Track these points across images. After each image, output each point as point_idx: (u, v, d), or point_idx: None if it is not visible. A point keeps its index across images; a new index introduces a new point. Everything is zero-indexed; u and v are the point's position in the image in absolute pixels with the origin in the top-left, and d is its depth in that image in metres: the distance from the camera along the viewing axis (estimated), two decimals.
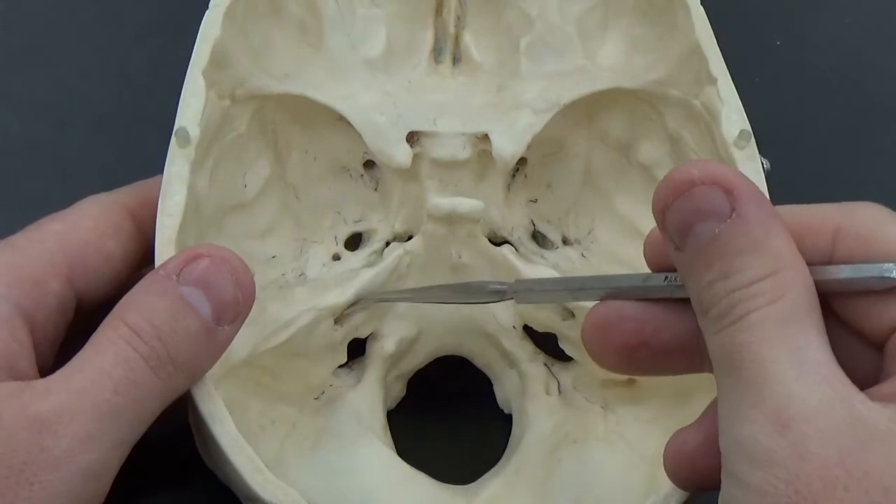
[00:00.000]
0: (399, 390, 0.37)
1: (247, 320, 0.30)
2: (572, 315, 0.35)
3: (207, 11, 0.33)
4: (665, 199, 0.24)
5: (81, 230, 0.30)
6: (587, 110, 0.36)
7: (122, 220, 0.31)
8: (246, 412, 0.32)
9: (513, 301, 0.36)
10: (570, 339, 0.35)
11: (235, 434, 0.28)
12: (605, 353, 0.27)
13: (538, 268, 0.35)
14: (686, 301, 0.25)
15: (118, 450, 0.26)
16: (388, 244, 0.36)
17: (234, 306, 0.27)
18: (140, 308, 0.27)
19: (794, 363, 0.22)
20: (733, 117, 0.32)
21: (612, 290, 0.27)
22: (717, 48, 0.33)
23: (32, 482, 0.24)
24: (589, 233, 0.37)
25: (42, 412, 0.25)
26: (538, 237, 0.38)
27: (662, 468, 0.33)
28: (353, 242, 0.37)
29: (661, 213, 0.24)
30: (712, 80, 0.32)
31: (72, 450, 0.25)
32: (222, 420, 0.28)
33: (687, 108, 0.34)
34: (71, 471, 0.25)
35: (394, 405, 0.36)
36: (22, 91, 0.43)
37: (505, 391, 0.37)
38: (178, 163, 0.31)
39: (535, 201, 0.38)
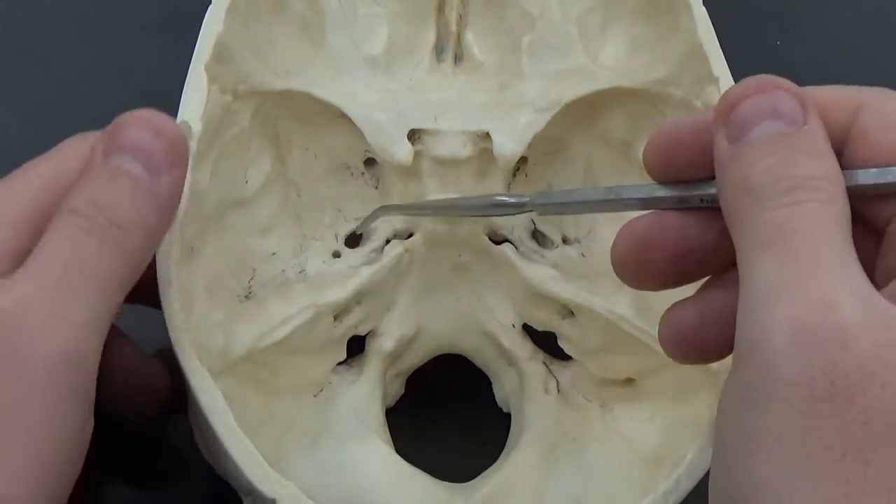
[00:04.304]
0: (398, 388, 0.37)
1: (246, 316, 0.30)
2: (572, 314, 0.35)
3: (210, 6, 0.33)
4: (743, 93, 0.24)
5: (68, 173, 0.29)
6: (589, 109, 0.36)
7: None
8: (244, 407, 0.32)
9: (512, 297, 0.36)
10: (570, 337, 0.35)
11: (234, 426, 0.28)
12: (650, 270, 0.27)
13: (538, 267, 0.35)
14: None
15: (88, 330, 0.26)
16: (388, 242, 0.36)
17: (161, 153, 0.27)
18: (77, 191, 0.27)
19: (842, 259, 0.22)
20: None
21: (643, 200, 0.27)
22: (719, 48, 0.33)
23: (15, 371, 0.25)
24: (589, 232, 0.37)
25: (5, 307, 0.25)
26: (538, 236, 0.37)
27: (661, 467, 0.33)
28: (354, 241, 0.37)
29: (731, 104, 0.24)
30: (714, 80, 0.33)
31: (39, 336, 0.25)
32: (221, 412, 0.28)
33: (688, 107, 0.34)
34: (43, 357, 0.25)
35: (393, 403, 0.36)
36: (22, 91, 0.43)
37: (504, 390, 0.37)
38: None
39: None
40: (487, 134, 0.34)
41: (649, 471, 0.33)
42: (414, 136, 0.35)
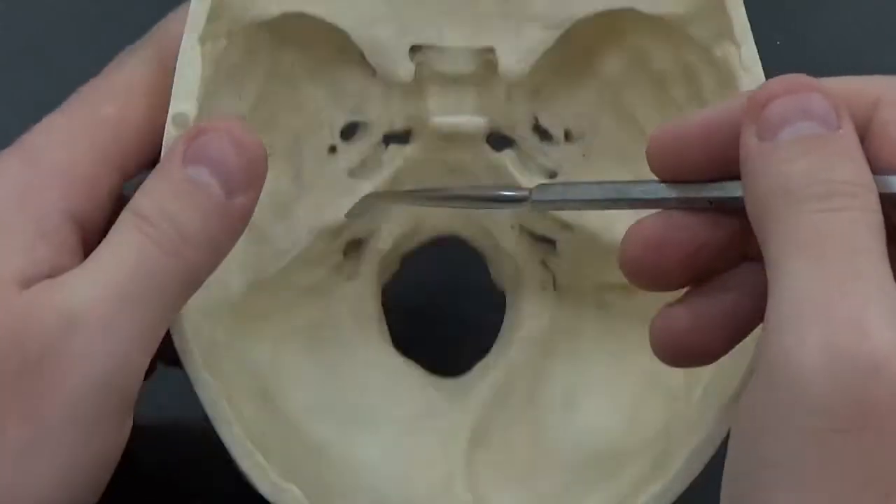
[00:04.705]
0: (394, 267, 0.37)
1: (243, 254, 0.30)
2: (570, 228, 0.35)
3: None
4: (777, 90, 0.24)
5: (134, 114, 0.29)
6: (616, 34, 0.35)
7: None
8: (242, 311, 0.32)
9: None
10: (568, 249, 0.36)
11: (242, 438, 0.28)
12: (661, 271, 0.27)
13: (537, 180, 0.35)
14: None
15: (142, 340, 0.26)
16: (386, 143, 0.35)
17: (240, 174, 0.27)
18: (148, 195, 0.27)
19: (878, 274, 0.22)
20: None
21: (650, 201, 0.27)
22: (744, 14, 0.31)
23: (61, 373, 0.24)
24: (591, 124, 0.36)
25: (65, 305, 0.25)
26: (540, 132, 0.36)
27: (656, 388, 0.34)
28: (349, 134, 0.36)
29: (763, 102, 0.24)
30: (734, 41, 0.31)
31: (93, 339, 0.25)
32: (229, 422, 0.28)
33: (707, 55, 0.32)
34: (96, 359, 0.25)
35: (388, 279, 0.37)
36: (22, 91, 0.43)
37: (500, 274, 0.37)
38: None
39: (538, 91, 0.36)
40: (493, 49, 0.33)
41: (644, 380, 0.34)
42: (416, 49, 0.33)
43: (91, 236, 0.28)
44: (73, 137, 0.28)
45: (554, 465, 0.35)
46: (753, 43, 0.31)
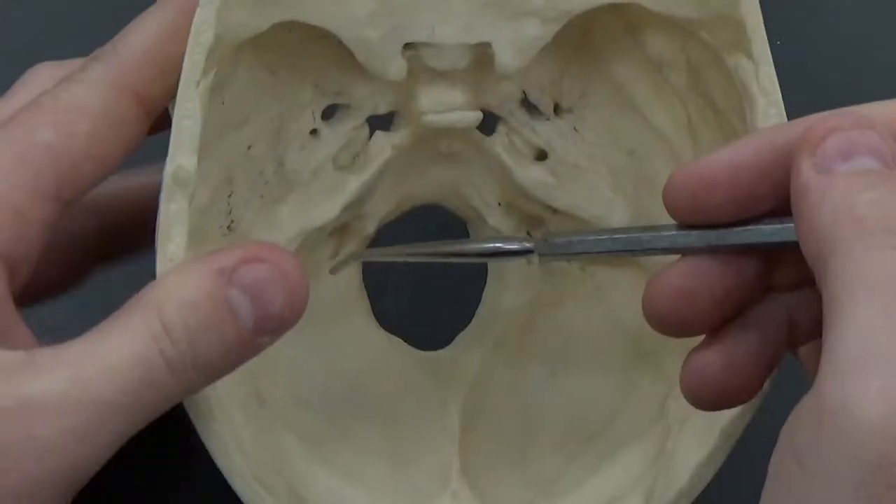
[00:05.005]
0: (371, 236, 0.36)
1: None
2: (561, 213, 0.35)
3: (198, 11, 0.28)
4: (840, 123, 0.23)
5: (76, 140, 0.26)
6: (626, 30, 0.34)
7: (126, 109, 0.28)
8: None
9: (500, 183, 0.35)
10: (557, 232, 0.35)
11: (244, 471, 0.28)
12: (693, 320, 0.26)
13: (530, 169, 0.34)
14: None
15: (112, 447, 0.25)
16: (371, 129, 0.34)
17: (278, 321, 0.26)
18: (179, 302, 0.25)
19: None
20: (771, 112, 0.30)
21: (666, 250, 0.26)
22: (763, 30, 0.30)
23: (11, 470, 0.23)
24: (581, 97, 0.35)
25: (35, 395, 0.23)
26: (529, 106, 0.36)
27: (642, 359, 0.34)
28: (330, 114, 0.35)
29: (821, 135, 0.23)
30: (750, 54, 0.30)
31: (62, 444, 0.23)
32: (240, 473, 0.28)
33: (717, 59, 0.31)
34: (56, 464, 0.23)
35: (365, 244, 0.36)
36: None
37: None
38: (177, 199, 0.27)
39: (528, 69, 0.34)
40: (489, 43, 0.32)
41: (633, 355, 0.34)
42: (409, 46, 0.32)
43: (20, 271, 0.26)
44: (5, 168, 0.26)
45: (546, 444, 0.35)
46: (772, 64, 0.30)
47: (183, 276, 0.26)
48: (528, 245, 0.28)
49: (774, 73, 0.30)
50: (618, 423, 0.34)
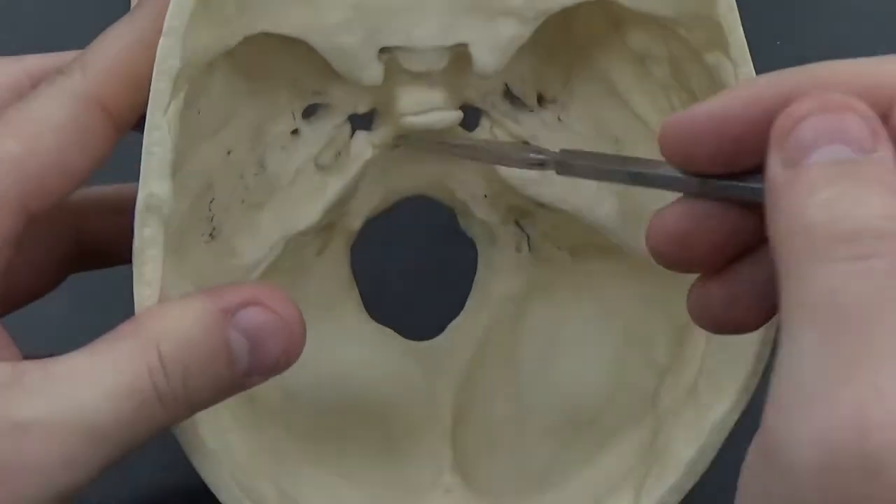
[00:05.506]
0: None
1: (213, 268, 0.29)
2: (547, 207, 0.34)
3: (162, 39, 0.27)
4: (807, 110, 0.21)
5: (41, 152, 0.26)
6: (612, 27, 0.34)
7: (94, 121, 0.27)
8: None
9: (486, 178, 0.35)
10: (544, 227, 0.35)
11: (238, 495, 0.28)
12: (693, 260, 0.25)
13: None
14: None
15: (99, 471, 0.25)
16: (353, 127, 0.34)
17: (273, 364, 0.26)
18: (178, 338, 0.25)
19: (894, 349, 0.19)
20: None
21: (677, 180, 0.25)
22: (740, 30, 0.30)
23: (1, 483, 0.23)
24: (565, 86, 0.35)
25: (27, 416, 0.23)
26: (511, 98, 0.35)
27: (633, 346, 0.33)
28: (310, 113, 0.34)
29: (792, 123, 0.21)
30: (727, 53, 0.30)
31: (49, 466, 0.23)
32: (227, 487, 0.28)
33: (696, 56, 0.31)
34: (43, 485, 0.23)
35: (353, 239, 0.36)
36: None
37: (470, 229, 0.36)
38: (151, 224, 0.27)
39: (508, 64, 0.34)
40: (466, 44, 0.32)
41: (624, 341, 0.34)
42: (385, 51, 0.32)
43: None
44: None
45: (538, 433, 0.35)
46: (751, 64, 0.30)
47: (184, 311, 0.26)
48: (545, 157, 0.29)
49: (754, 73, 0.30)
50: (610, 410, 0.34)
